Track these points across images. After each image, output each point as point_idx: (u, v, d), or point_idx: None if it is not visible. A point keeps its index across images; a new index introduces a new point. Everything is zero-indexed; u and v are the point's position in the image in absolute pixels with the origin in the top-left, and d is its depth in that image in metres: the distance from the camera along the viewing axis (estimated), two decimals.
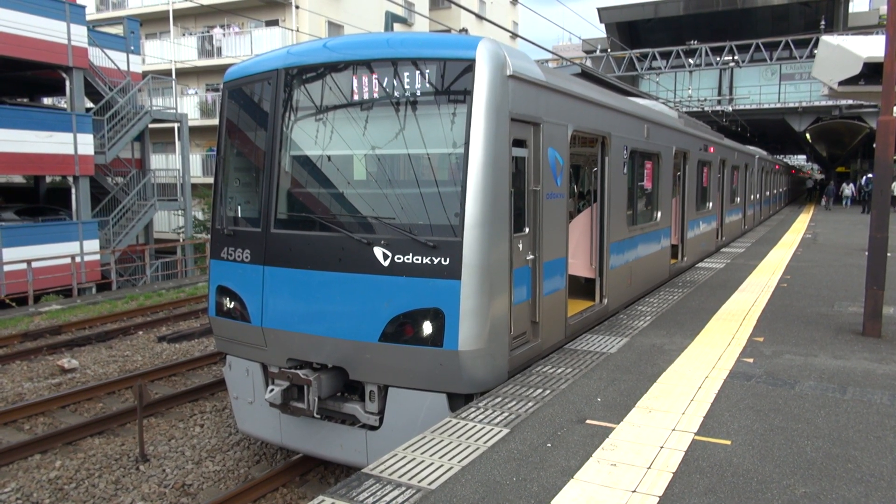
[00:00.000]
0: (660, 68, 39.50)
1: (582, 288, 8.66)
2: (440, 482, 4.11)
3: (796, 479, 4.11)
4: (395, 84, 5.79)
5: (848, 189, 41.47)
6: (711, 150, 15.07)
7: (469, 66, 5.59)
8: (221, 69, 29.43)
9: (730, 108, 37.60)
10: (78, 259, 19.54)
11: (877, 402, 5.49)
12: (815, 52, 14.04)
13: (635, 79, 42.00)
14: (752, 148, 24.72)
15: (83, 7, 21.04)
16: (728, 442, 4.67)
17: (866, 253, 7.82)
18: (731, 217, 18.70)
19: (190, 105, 33.21)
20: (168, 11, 33.36)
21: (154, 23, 34.44)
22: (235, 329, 6.66)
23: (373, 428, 6.11)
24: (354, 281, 5.80)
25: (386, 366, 5.80)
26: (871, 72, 10.37)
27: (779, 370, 6.35)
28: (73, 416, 9.21)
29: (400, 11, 33.89)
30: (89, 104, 22.85)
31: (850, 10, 44.28)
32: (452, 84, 5.65)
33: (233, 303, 6.62)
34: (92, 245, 20.61)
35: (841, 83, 11.32)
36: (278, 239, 6.26)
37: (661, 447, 4.59)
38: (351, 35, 6.69)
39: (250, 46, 31.39)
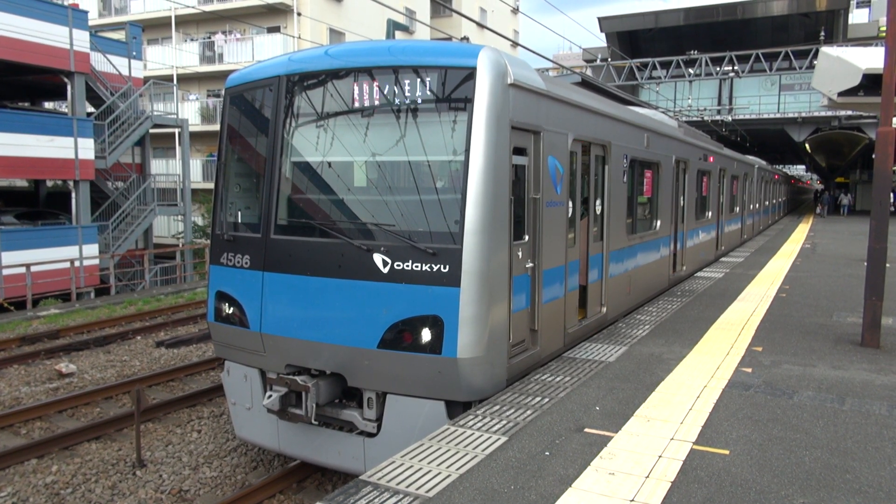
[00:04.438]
0: (660, 78, 39.59)
1: (581, 296, 8.66)
2: (438, 490, 4.10)
3: (794, 490, 4.10)
4: (397, 91, 5.81)
5: (846, 199, 42.57)
6: (711, 159, 15.10)
7: (470, 75, 5.62)
8: (223, 75, 29.50)
9: (729, 118, 37.67)
10: (77, 263, 19.53)
11: (875, 412, 5.49)
12: (815, 62, 14.10)
13: (635, 88, 42.12)
14: (751, 158, 24.77)
15: (85, 12, 21.13)
16: (726, 452, 4.66)
17: (865, 263, 7.83)
18: (730, 226, 18.73)
19: (191, 110, 33.28)
20: (170, 17, 33.46)
21: (156, 28, 34.53)
22: (234, 335, 6.66)
23: (371, 435, 6.10)
24: (353, 287, 5.80)
25: (384, 373, 5.80)
26: (871, 83, 10.41)
27: (777, 380, 6.35)
28: (71, 420, 9.19)
29: (401, 19, 34.02)
30: (90, 109, 22.91)
31: (850, 22, 44.45)
32: (453, 92, 5.67)
33: (232, 308, 6.62)
34: (91, 249, 20.61)
35: (840, 94, 11.37)
36: (278, 245, 6.26)
37: (660, 456, 4.58)
38: (352, 42, 6.72)
39: (252, 53, 31.48)
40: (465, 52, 5.78)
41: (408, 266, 5.59)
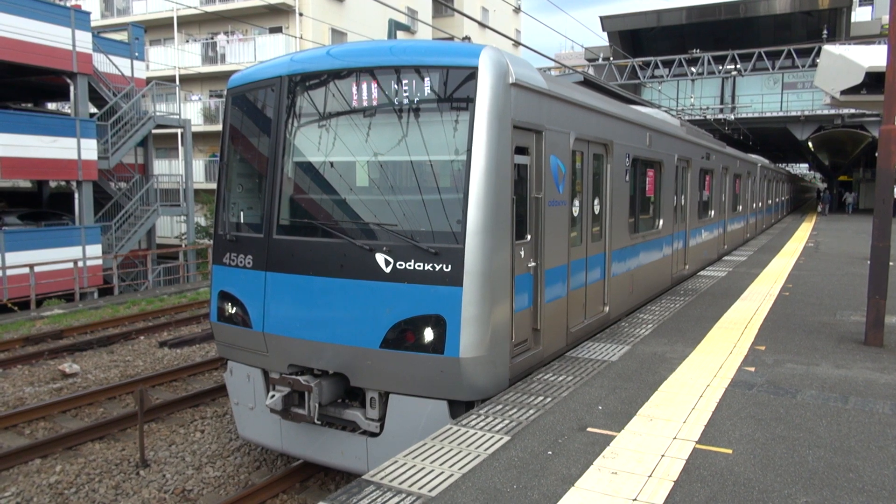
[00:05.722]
0: (662, 76, 39.56)
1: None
2: (440, 489, 4.10)
3: (798, 489, 4.10)
4: (398, 91, 5.81)
5: (850, 197, 43.10)
6: (714, 158, 15.08)
7: (472, 74, 5.62)
8: (225, 75, 29.54)
9: (732, 117, 37.64)
10: (80, 264, 19.57)
11: (879, 411, 5.47)
12: (818, 61, 14.07)
13: (638, 87, 42.07)
14: (754, 156, 24.73)
15: (88, 13, 21.16)
16: (729, 451, 4.66)
17: (868, 262, 7.82)
18: (733, 225, 18.71)
19: (193, 111, 33.32)
20: (172, 18, 33.50)
21: (158, 29, 34.58)
22: (237, 334, 6.67)
23: (373, 434, 6.11)
24: (356, 287, 5.81)
25: (387, 372, 5.80)
26: (873, 81, 10.39)
27: (780, 379, 6.34)
28: (74, 420, 9.21)
29: (403, 19, 34.01)
30: (93, 109, 22.95)
31: (853, 20, 44.33)
32: (455, 92, 5.67)
33: (234, 308, 6.63)
34: (94, 250, 20.65)
35: (843, 92, 11.34)
36: (280, 245, 6.27)
37: (663, 455, 4.58)
38: (354, 43, 6.73)
39: (254, 53, 31.50)
40: (466, 51, 5.78)
41: (410, 266, 5.59)
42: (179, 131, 27.76)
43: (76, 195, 20.87)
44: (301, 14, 31.47)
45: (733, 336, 8.06)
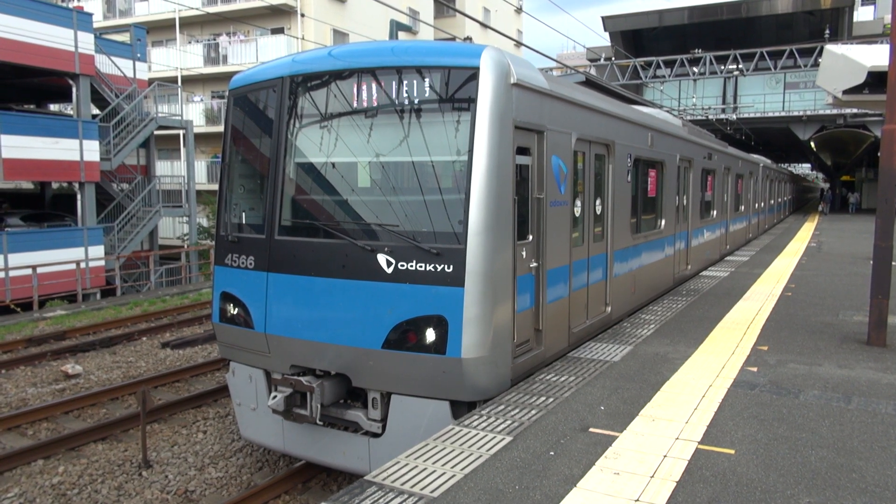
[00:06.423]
0: (664, 77, 39.55)
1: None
2: (442, 490, 4.10)
3: (800, 489, 4.09)
4: (400, 92, 5.81)
5: (853, 197, 43.36)
6: (716, 158, 15.07)
7: (473, 75, 5.62)
8: (227, 76, 29.55)
9: (734, 117, 37.58)
10: (83, 265, 19.59)
11: (882, 411, 5.46)
12: (820, 60, 14.05)
13: (639, 87, 42.05)
14: (756, 156, 24.69)
15: (90, 15, 21.20)
16: (732, 451, 4.65)
17: (871, 262, 7.80)
18: (735, 225, 18.68)
19: (195, 112, 33.35)
20: (174, 19, 33.55)
21: (160, 30, 34.63)
22: (239, 335, 6.67)
23: (376, 435, 6.11)
24: (358, 288, 5.81)
25: (389, 373, 5.81)
26: (876, 81, 10.38)
27: (783, 379, 6.33)
28: (77, 421, 9.22)
29: (405, 20, 34.04)
30: (95, 111, 22.99)
31: (855, 20, 44.29)
32: (456, 92, 5.67)
33: (236, 309, 6.64)
34: (97, 251, 20.68)
35: (845, 92, 11.32)
36: (282, 246, 6.27)
37: (665, 456, 4.58)
38: (356, 43, 6.73)
39: (256, 54, 31.53)
40: (467, 52, 5.78)
41: (412, 266, 5.59)
42: (181, 132, 27.81)
43: (78, 196, 20.92)
44: (303, 15, 31.50)
45: (736, 336, 8.05)
